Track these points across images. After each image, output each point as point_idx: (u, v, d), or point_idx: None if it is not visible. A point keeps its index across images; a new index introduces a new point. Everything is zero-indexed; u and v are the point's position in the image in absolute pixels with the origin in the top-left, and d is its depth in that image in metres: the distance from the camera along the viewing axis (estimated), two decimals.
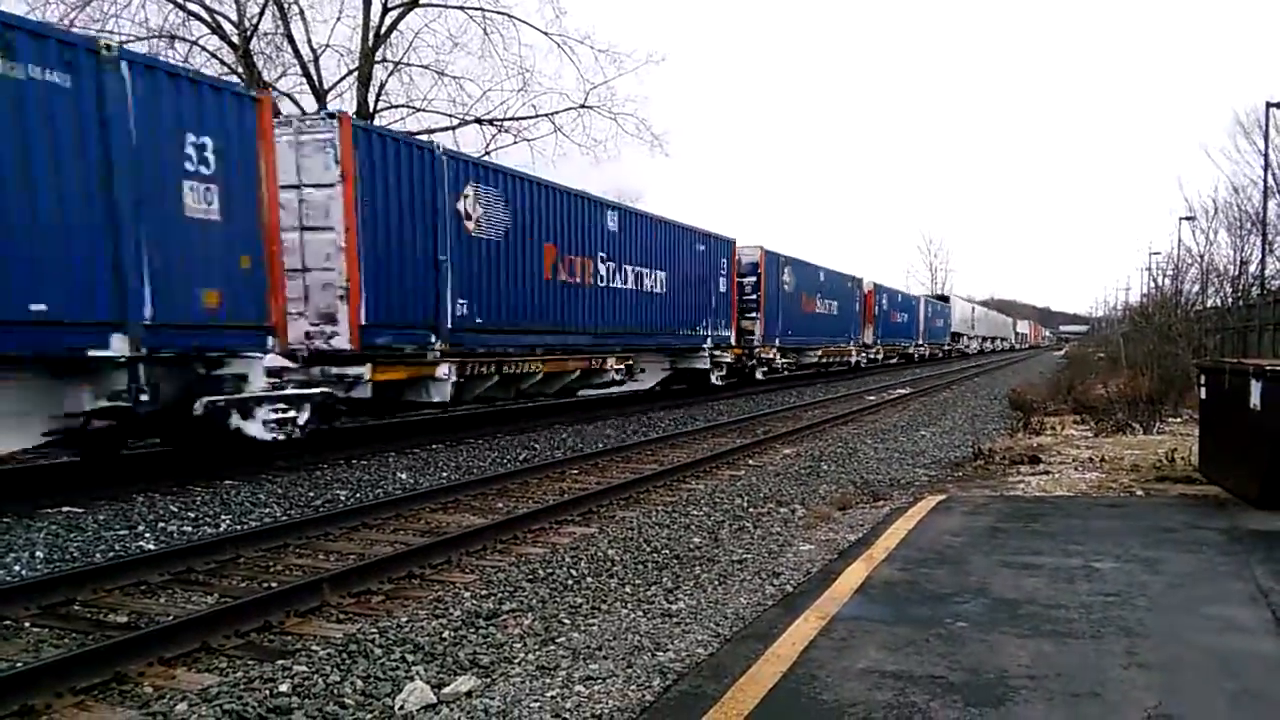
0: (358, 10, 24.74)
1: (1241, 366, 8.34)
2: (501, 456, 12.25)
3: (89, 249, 8.20)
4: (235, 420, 9.54)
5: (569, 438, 14.38)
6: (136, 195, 8.48)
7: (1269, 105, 25.75)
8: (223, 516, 8.32)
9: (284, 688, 4.29)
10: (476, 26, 25.80)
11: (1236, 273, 25.26)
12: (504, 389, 14.76)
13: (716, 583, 6.06)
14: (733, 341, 24.00)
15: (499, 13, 25.44)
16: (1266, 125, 26.35)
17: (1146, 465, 10.32)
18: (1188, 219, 28.63)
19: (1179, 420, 15.21)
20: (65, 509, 8.29)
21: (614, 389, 19.16)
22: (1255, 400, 7.80)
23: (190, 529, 7.86)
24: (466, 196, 13.23)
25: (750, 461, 12.15)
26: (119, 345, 8.43)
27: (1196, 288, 25.17)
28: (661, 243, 20.06)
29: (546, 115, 26.91)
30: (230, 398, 9.51)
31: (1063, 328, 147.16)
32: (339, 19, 26.12)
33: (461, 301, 13.15)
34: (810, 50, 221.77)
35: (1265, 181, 26.64)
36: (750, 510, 8.73)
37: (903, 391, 26.36)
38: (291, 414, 10.19)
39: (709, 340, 22.44)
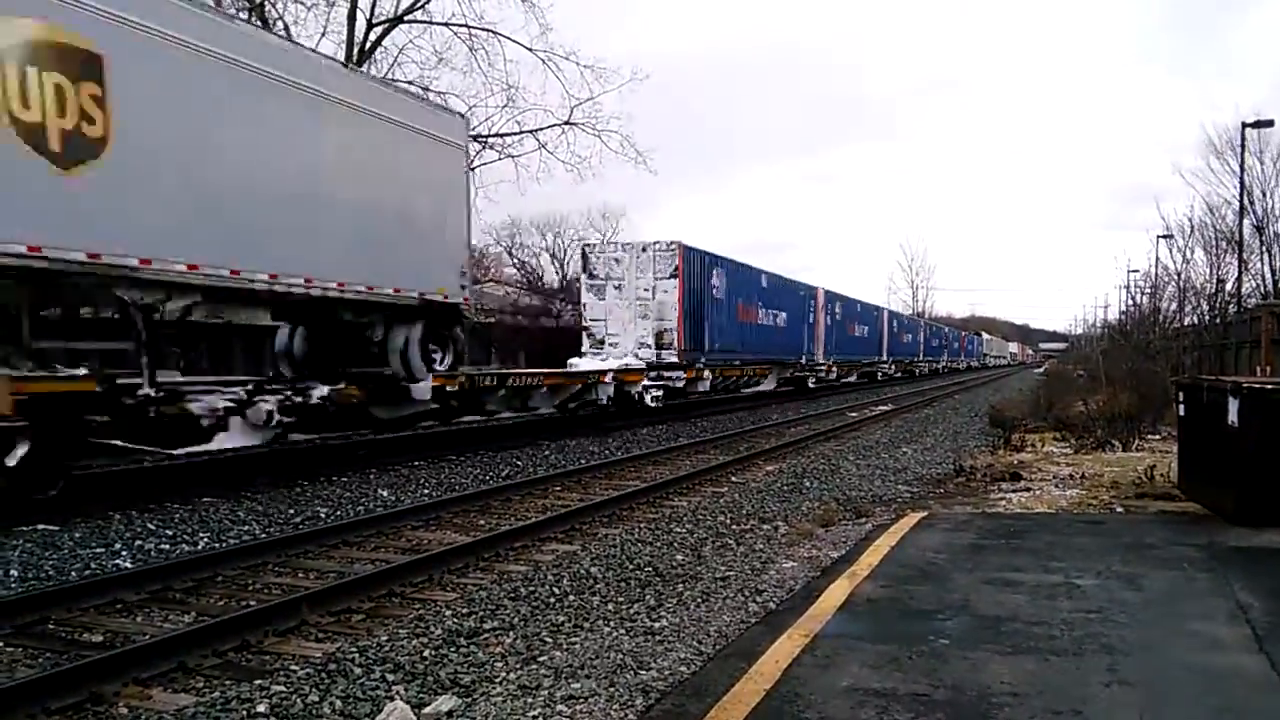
0: (342, 26, 24.83)
1: (1219, 384, 8.41)
2: (484, 473, 12.20)
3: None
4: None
5: (551, 454, 14.35)
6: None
7: (1244, 125, 26.16)
8: (201, 534, 8.24)
9: (262, 708, 4.23)
10: (461, 43, 25.93)
11: (1213, 291, 25.57)
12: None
13: (699, 600, 6.04)
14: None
15: (484, 29, 25.63)
16: (1242, 148, 26.74)
17: (1126, 482, 10.37)
18: (1165, 238, 29.01)
19: (1158, 437, 15.32)
20: (41, 526, 8.19)
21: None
22: (1233, 417, 7.86)
23: (168, 547, 7.77)
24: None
25: (734, 478, 12.16)
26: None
27: (1174, 306, 25.45)
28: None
29: (531, 131, 27.14)
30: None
31: (1042, 345, 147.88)
32: (323, 34, 26.02)
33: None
34: (789, 63, 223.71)
35: (1241, 202, 27.03)
36: (733, 527, 8.71)
37: (886, 408, 26.48)
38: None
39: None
